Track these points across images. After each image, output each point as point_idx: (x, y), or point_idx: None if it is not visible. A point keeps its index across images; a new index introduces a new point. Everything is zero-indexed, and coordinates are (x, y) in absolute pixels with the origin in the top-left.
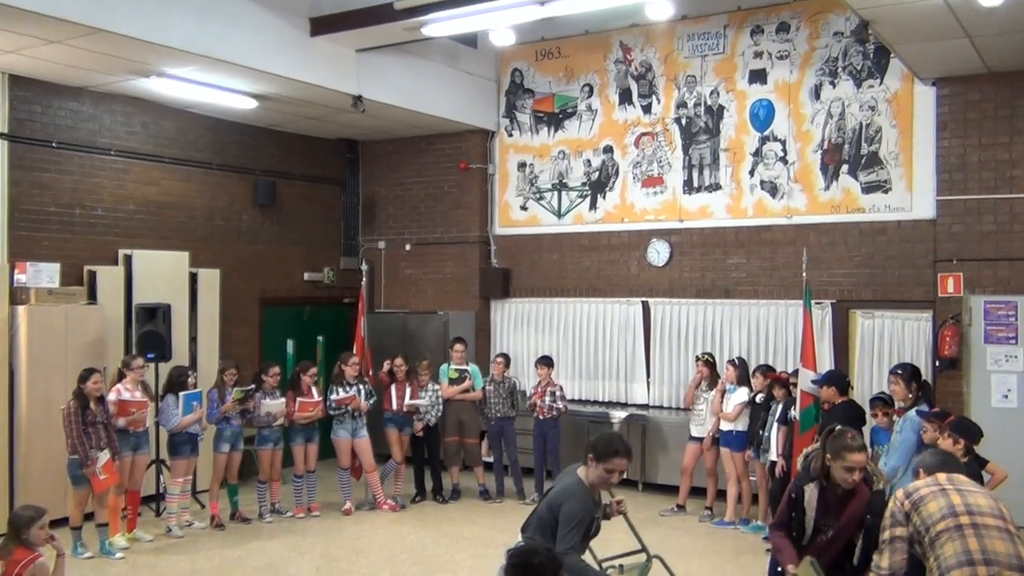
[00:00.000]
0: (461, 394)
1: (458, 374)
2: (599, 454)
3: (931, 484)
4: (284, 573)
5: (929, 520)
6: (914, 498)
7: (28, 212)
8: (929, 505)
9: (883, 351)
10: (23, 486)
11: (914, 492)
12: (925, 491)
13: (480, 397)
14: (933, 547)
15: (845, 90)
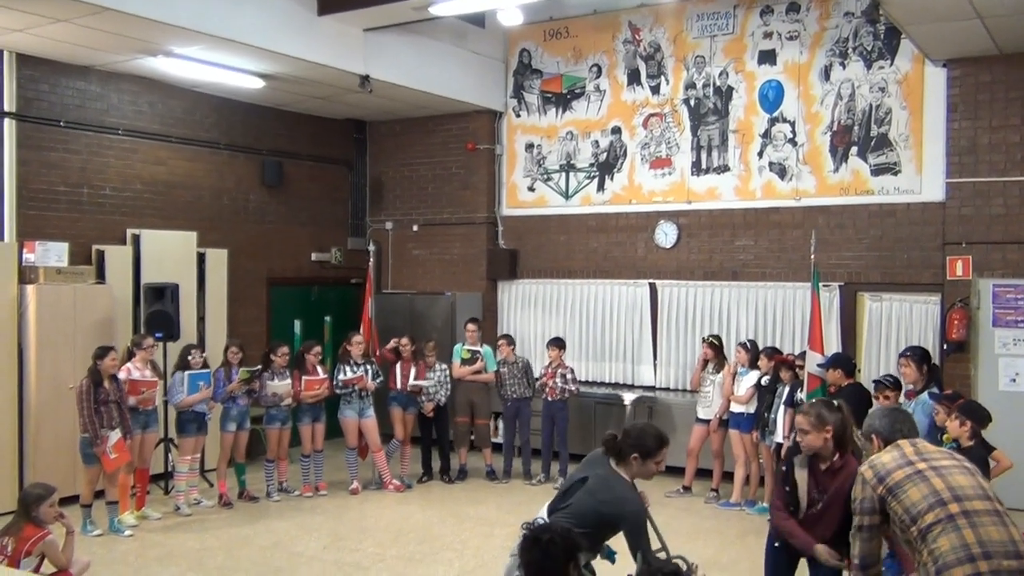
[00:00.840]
0: (473, 375)
1: (471, 354)
2: (648, 451)
3: (901, 463)
4: (292, 551)
5: (914, 510)
6: (888, 484)
7: (37, 191)
8: (911, 492)
9: (891, 334)
10: (32, 464)
11: (886, 475)
12: (899, 474)
13: (492, 379)
14: (925, 540)
15: (855, 71)
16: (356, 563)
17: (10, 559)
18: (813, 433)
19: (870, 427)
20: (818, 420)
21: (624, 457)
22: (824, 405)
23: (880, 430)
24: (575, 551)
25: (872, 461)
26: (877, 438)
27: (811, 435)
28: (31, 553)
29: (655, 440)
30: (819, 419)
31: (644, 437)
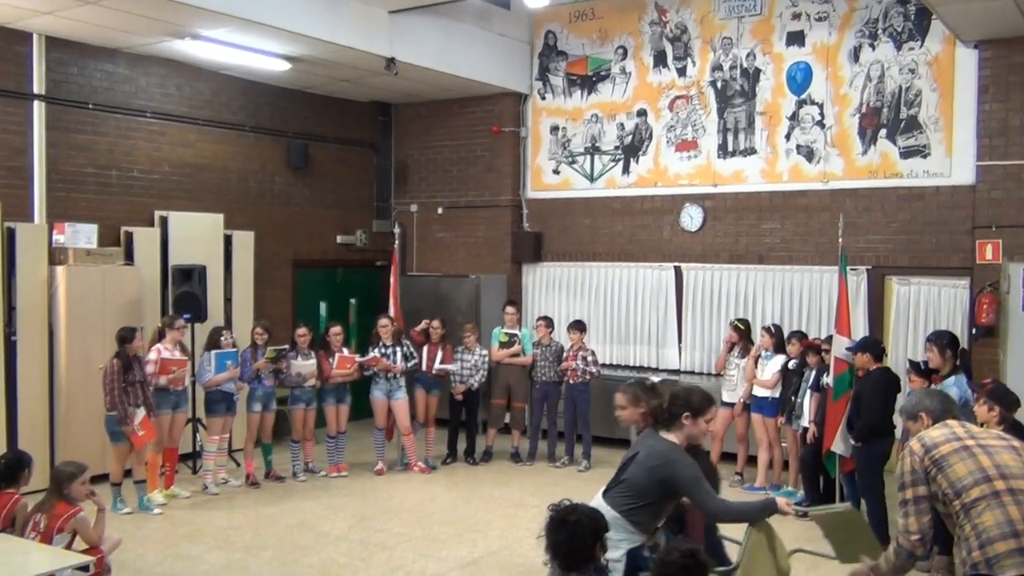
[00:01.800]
0: (510, 358)
1: (508, 337)
2: (696, 409)
3: (950, 437)
4: (318, 531)
5: (959, 485)
6: (935, 456)
7: (66, 173)
8: (957, 467)
9: (919, 318)
10: (63, 443)
11: (933, 447)
12: (946, 448)
13: (530, 362)
14: (968, 515)
15: (885, 52)
16: (381, 543)
17: (43, 536)
18: (629, 409)
19: (919, 405)
20: (633, 398)
21: (675, 420)
22: (641, 387)
23: (931, 409)
24: (602, 532)
25: (921, 435)
26: (927, 416)
27: (627, 411)
28: (63, 530)
29: (702, 398)
30: (635, 397)
31: (691, 396)
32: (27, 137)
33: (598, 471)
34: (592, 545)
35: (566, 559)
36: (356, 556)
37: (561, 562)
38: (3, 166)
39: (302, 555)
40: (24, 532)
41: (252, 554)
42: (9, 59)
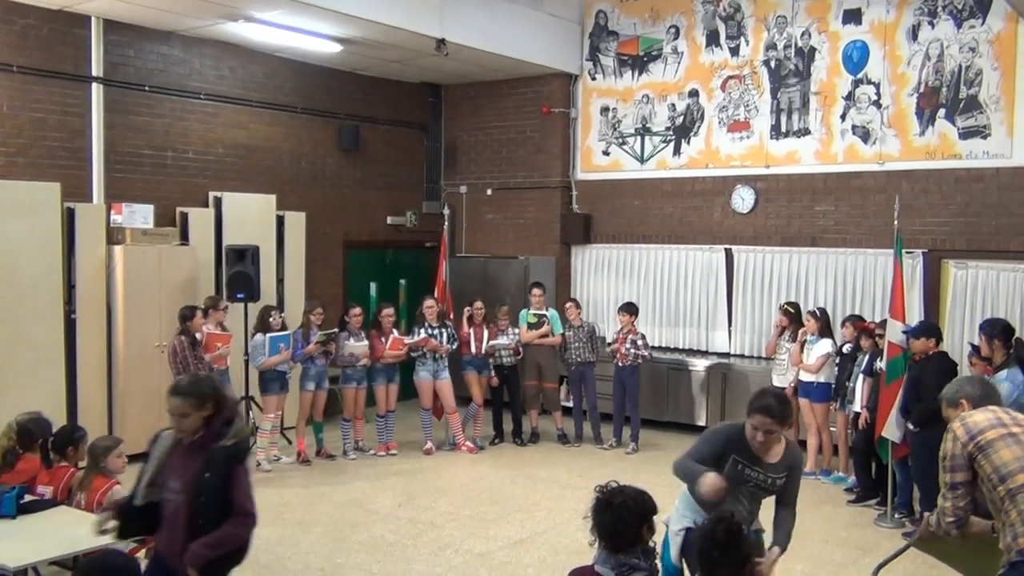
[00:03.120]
0: (539, 339)
1: (537, 319)
2: (749, 407)
3: (994, 423)
4: (367, 508)
5: (1004, 470)
6: (980, 442)
7: (123, 154)
8: (1002, 452)
9: (976, 303)
10: (120, 420)
11: (977, 433)
12: (992, 433)
13: (559, 342)
14: (1015, 500)
15: (944, 31)
16: (430, 521)
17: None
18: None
19: (959, 391)
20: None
21: None
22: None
23: (972, 395)
24: (649, 514)
25: (964, 419)
26: (968, 402)
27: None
28: (103, 503)
29: (754, 402)
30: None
31: (757, 395)
32: (86, 119)
33: (645, 454)
34: (638, 527)
35: (612, 540)
36: (405, 534)
37: (607, 543)
38: (63, 147)
39: (352, 532)
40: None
41: (304, 530)
42: (68, 42)
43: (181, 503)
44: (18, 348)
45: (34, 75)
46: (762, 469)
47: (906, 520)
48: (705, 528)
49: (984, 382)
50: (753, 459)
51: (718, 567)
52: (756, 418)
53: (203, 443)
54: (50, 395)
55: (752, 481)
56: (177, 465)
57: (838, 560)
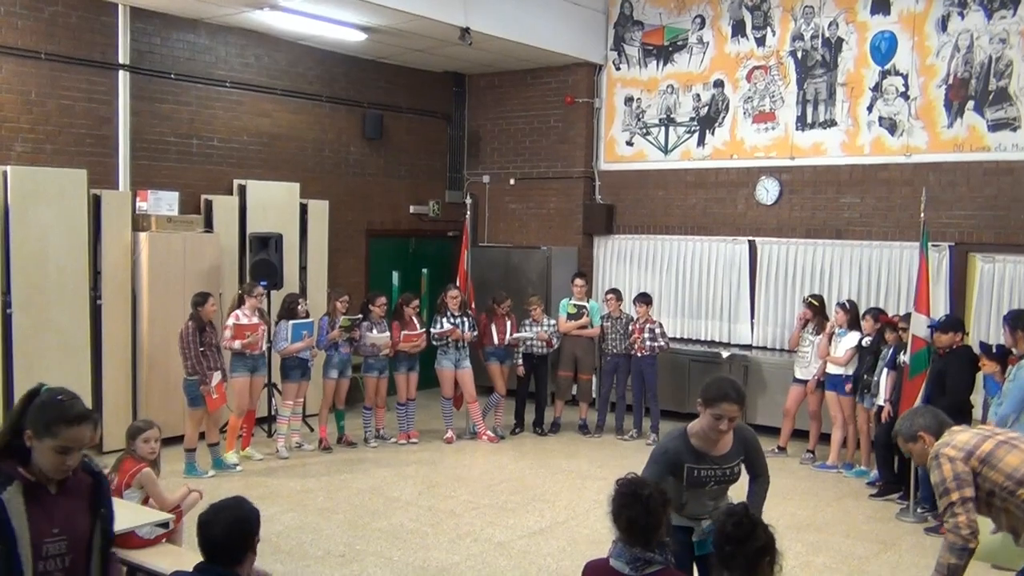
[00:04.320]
0: (578, 330)
1: (576, 309)
2: (706, 399)
3: (984, 436)
4: (388, 496)
5: (1018, 475)
6: (980, 456)
7: (149, 142)
8: (1008, 459)
9: (1003, 296)
10: (144, 405)
11: (973, 448)
12: (987, 445)
13: (597, 334)
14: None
15: (975, 21)
16: (450, 510)
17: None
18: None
19: (914, 425)
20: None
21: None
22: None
23: (928, 426)
24: (669, 505)
25: (948, 443)
26: (927, 434)
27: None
28: (131, 485)
29: (715, 389)
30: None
31: (711, 386)
32: (113, 106)
33: None
34: (663, 516)
35: (643, 534)
36: (425, 522)
37: (636, 537)
38: (90, 135)
39: (372, 519)
40: None
41: (324, 517)
42: (96, 30)
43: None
44: (44, 333)
45: (62, 62)
46: (717, 464)
47: (928, 514)
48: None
49: (934, 412)
50: (705, 459)
51: (732, 560)
52: (721, 406)
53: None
54: (75, 380)
55: (712, 480)
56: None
57: (860, 554)
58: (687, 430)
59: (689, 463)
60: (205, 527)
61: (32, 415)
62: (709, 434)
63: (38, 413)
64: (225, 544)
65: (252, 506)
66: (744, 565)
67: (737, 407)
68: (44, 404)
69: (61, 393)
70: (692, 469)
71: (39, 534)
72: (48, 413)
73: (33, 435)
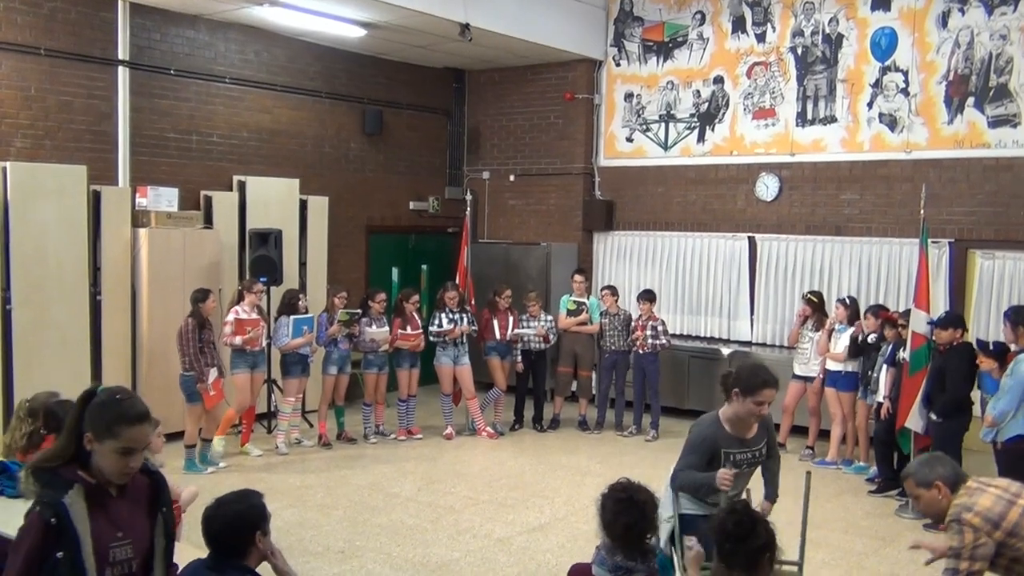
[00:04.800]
0: (578, 326)
1: (576, 305)
2: (745, 387)
3: (1002, 501)
4: (388, 492)
5: None
6: (1006, 527)
7: (148, 138)
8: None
9: (1003, 293)
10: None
11: (999, 518)
12: (1013, 514)
13: (596, 330)
14: None
15: (975, 18)
16: (449, 506)
17: None
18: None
19: (932, 473)
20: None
21: (728, 393)
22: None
23: (945, 476)
24: (656, 510)
25: (971, 507)
26: (943, 484)
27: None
28: None
29: (752, 376)
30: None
31: (744, 373)
32: (112, 102)
33: (666, 441)
34: (654, 518)
35: (638, 540)
36: (425, 518)
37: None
38: (89, 130)
39: (372, 515)
40: None
41: (324, 513)
42: (96, 26)
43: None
44: (44, 329)
45: (61, 58)
46: (748, 447)
47: None
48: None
49: (953, 464)
50: (739, 443)
51: (732, 557)
52: (763, 393)
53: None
54: (75, 376)
55: (746, 463)
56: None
57: (859, 550)
58: (719, 417)
59: (727, 448)
60: (207, 521)
61: (91, 417)
62: (747, 419)
63: (97, 414)
64: (225, 538)
65: (257, 500)
66: (744, 563)
67: (774, 391)
68: (103, 405)
69: (119, 392)
70: (730, 454)
71: (104, 539)
72: (108, 414)
73: (94, 438)
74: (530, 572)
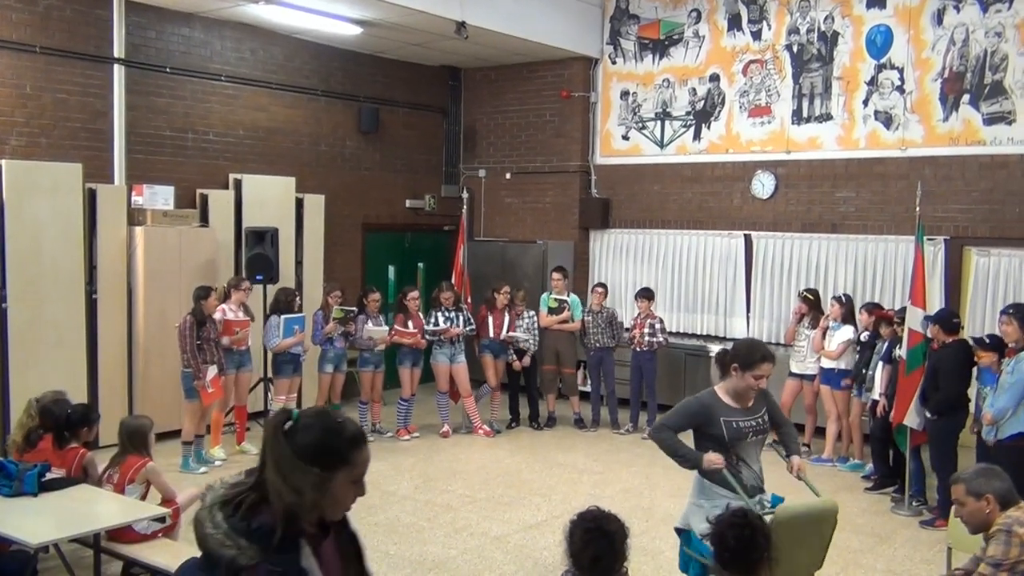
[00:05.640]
0: (559, 324)
1: (557, 303)
2: (744, 362)
3: None
4: (385, 490)
5: None
6: None
7: (144, 136)
8: None
9: (998, 290)
10: (140, 399)
11: None
12: None
13: (578, 328)
14: None
15: (970, 15)
16: (446, 504)
17: (116, 488)
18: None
19: (986, 486)
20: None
21: (726, 369)
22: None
23: (1000, 493)
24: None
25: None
26: (994, 498)
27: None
28: (134, 480)
29: (756, 353)
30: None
31: (741, 349)
32: (108, 100)
33: None
34: (622, 547)
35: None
36: (422, 516)
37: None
38: (85, 129)
39: (368, 513)
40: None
41: None
42: (91, 23)
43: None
44: (40, 328)
45: (57, 56)
46: (750, 414)
47: (923, 508)
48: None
49: (1007, 478)
50: (742, 412)
51: (732, 565)
52: (763, 367)
53: None
54: (71, 375)
55: (750, 430)
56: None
57: (855, 547)
58: (716, 391)
59: (726, 417)
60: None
61: (315, 446)
62: (746, 392)
63: (322, 441)
64: None
65: None
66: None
67: (772, 364)
68: (329, 430)
69: (326, 413)
70: (730, 422)
71: None
72: (338, 439)
73: (322, 470)
74: (527, 570)
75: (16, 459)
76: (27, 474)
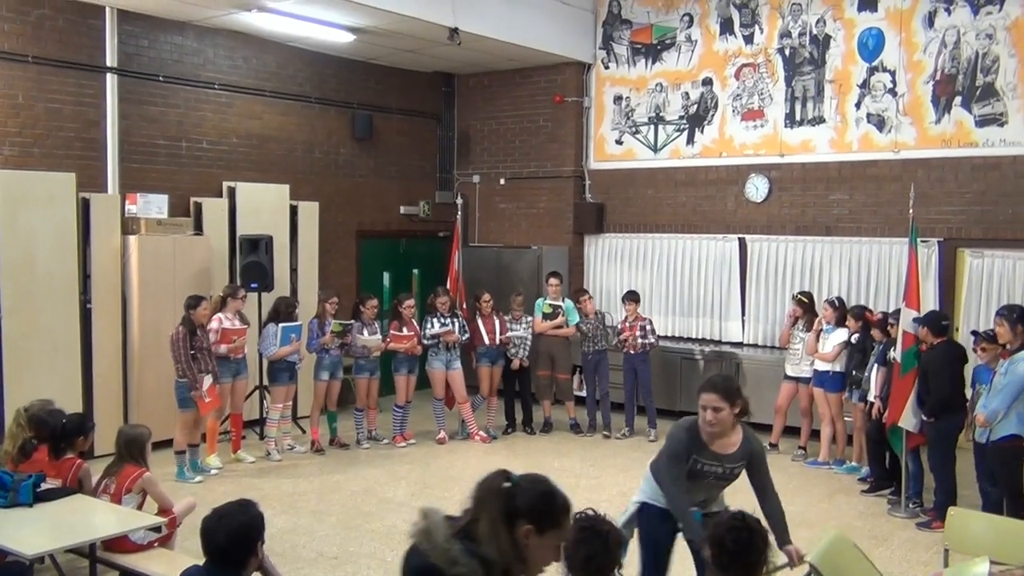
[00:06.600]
0: (553, 330)
1: (552, 309)
2: (698, 390)
3: None
4: (381, 497)
5: None
6: None
7: (137, 145)
8: None
9: (991, 291)
10: (136, 408)
11: None
12: None
13: (572, 333)
14: None
15: (961, 17)
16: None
17: (113, 497)
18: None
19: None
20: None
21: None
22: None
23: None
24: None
25: None
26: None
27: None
28: (131, 490)
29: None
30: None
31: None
32: (101, 109)
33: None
34: (617, 550)
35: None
36: None
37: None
38: (78, 138)
39: (365, 521)
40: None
41: (317, 519)
42: (83, 32)
43: None
44: (34, 337)
45: (49, 65)
46: (719, 462)
47: (919, 510)
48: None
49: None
50: (711, 455)
51: (728, 568)
52: (703, 397)
53: None
54: (66, 384)
55: (711, 475)
56: None
57: None
58: (697, 422)
59: (696, 455)
60: (208, 533)
61: (535, 508)
62: (704, 427)
63: (541, 505)
64: (228, 549)
65: (256, 510)
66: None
67: (717, 396)
68: (546, 495)
69: (545, 480)
70: (696, 461)
71: None
72: (555, 504)
73: (535, 531)
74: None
75: (11, 470)
76: (22, 485)
